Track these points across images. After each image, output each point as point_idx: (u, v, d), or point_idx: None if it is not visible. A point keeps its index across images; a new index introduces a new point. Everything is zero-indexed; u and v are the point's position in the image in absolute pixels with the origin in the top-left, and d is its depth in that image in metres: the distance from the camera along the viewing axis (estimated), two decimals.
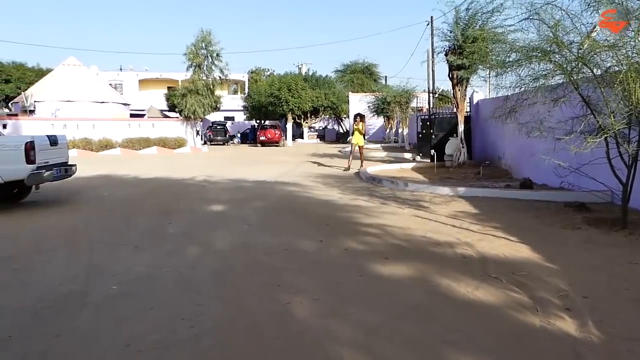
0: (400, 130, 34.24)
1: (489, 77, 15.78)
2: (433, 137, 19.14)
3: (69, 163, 10.45)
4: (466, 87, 16.66)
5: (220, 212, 9.11)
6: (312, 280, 5.02)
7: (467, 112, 17.91)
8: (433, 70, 27.60)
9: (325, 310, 4.19)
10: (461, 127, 16.70)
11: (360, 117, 17.44)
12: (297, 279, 5.05)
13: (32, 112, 31.35)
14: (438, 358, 3.34)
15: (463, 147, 16.66)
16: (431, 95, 23.72)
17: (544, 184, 10.84)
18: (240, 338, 3.70)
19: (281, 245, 6.43)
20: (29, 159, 8.82)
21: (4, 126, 25.26)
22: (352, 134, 17.71)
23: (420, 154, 21.27)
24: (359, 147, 17.12)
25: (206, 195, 11.24)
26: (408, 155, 23.25)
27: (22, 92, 34.51)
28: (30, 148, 8.83)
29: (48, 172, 9.17)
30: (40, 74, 42.58)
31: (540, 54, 7.23)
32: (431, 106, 21.11)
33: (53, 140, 9.73)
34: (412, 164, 18.14)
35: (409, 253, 6.00)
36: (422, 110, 29.73)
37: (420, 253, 5.99)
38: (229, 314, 4.19)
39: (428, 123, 20.52)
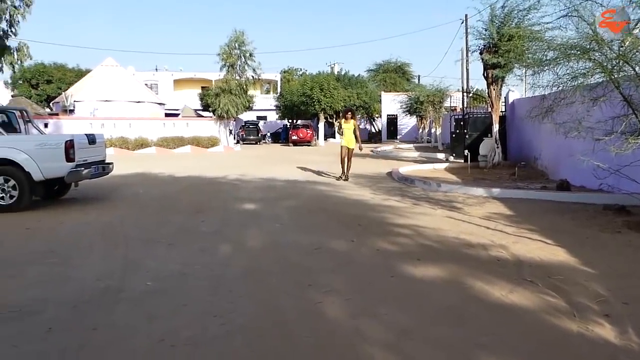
0: (433, 130, 33.91)
1: (525, 75, 15.53)
2: (467, 137, 18.87)
3: (107, 161, 10.71)
4: (501, 86, 16.38)
5: (252, 211, 9.19)
6: (343, 280, 5.01)
7: (502, 111, 17.60)
8: (467, 69, 27.27)
9: (356, 311, 4.18)
10: (496, 127, 16.42)
11: (351, 112, 14.43)
12: (328, 279, 5.05)
13: (71, 111, 32.26)
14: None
15: (498, 147, 16.37)
16: (465, 94, 23.38)
17: (582, 185, 10.56)
18: (271, 336, 3.72)
19: (313, 245, 6.44)
20: (69, 157, 9.07)
21: (46, 125, 26.02)
22: (341, 133, 14.63)
23: (454, 154, 21.00)
24: (347, 150, 13.89)
25: (238, 193, 11.35)
26: (441, 156, 22.99)
27: (63, 92, 35.54)
28: (69, 146, 9.08)
29: (87, 170, 9.41)
30: (79, 74, 43.74)
31: (579, 52, 7.06)
32: (465, 105, 20.79)
33: (91, 139, 9.98)
34: (445, 165, 17.94)
35: (442, 254, 5.93)
36: (455, 109, 29.37)
37: (453, 255, 5.91)
38: (260, 312, 4.22)
39: (462, 123, 20.24)
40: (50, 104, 40.83)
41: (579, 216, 8.07)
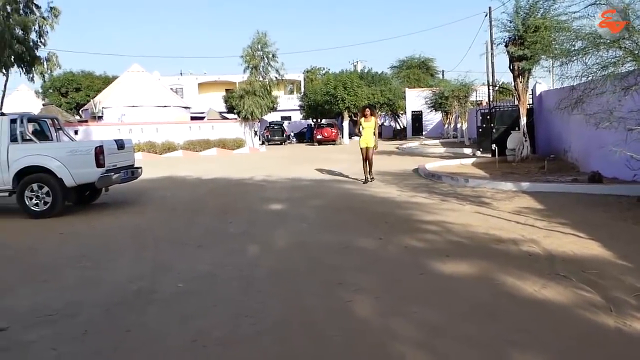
0: (459, 125, 33.50)
1: (553, 67, 15.21)
2: (494, 131, 18.58)
3: (135, 166, 10.89)
4: (528, 79, 16.07)
5: (279, 211, 9.22)
6: (372, 279, 4.99)
7: (529, 104, 17.28)
8: (492, 63, 26.91)
9: (386, 309, 4.16)
10: (523, 120, 16.13)
11: (370, 109, 13.12)
12: (357, 277, 5.04)
13: (100, 118, 32.90)
14: (503, 358, 3.24)
15: (526, 140, 16.09)
16: (491, 88, 23.07)
17: (615, 177, 10.30)
18: (301, 336, 3.73)
19: (340, 243, 6.43)
20: (99, 163, 9.25)
21: (76, 132, 26.58)
22: (360, 132, 13.21)
23: (481, 149, 20.73)
24: (367, 150, 12.81)
25: (265, 194, 11.41)
26: (468, 151, 22.72)
27: (91, 99, 36.26)
28: (99, 152, 9.26)
29: (116, 175, 9.59)
30: (107, 81, 44.57)
31: (608, 41, 6.88)
32: (491, 99, 20.51)
33: (120, 144, 10.16)
34: (472, 160, 17.72)
35: (471, 251, 5.85)
36: (481, 104, 28.98)
37: (483, 250, 5.83)
38: (289, 311, 4.23)
39: (488, 117, 19.95)
40: (80, 111, 41.72)
41: (612, 209, 7.87)
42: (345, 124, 41.28)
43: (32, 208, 9.19)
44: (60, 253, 6.66)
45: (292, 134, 45.21)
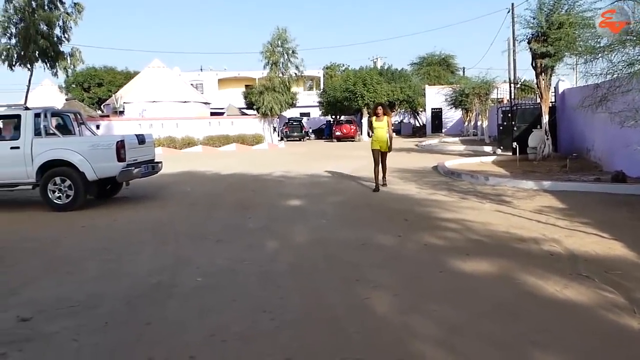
0: (479, 123, 33.20)
1: (577, 64, 14.96)
2: (515, 129, 18.38)
3: (156, 160, 10.99)
4: (551, 76, 15.84)
5: (298, 207, 9.23)
6: (391, 276, 4.97)
7: (551, 102, 17.03)
8: (514, 60, 26.58)
9: (405, 306, 4.13)
10: (545, 118, 15.91)
11: (382, 107, 11.33)
12: (375, 274, 5.02)
13: (121, 112, 33.28)
14: (524, 358, 3.19)
15: (548, 139, 15.87)
16: (512, 85, 22.76)
17: (639, 177, 10.10)
18: (319, 331, 3.72)
19: (359, 240, 6.42)
20: (120, 157, 9.35)
21: (98, 127, 26.93)
22: (370, 133, 11.81)
23: (501, 147, 20.51)
24: (380, 153, 11.15)
25: (284, 190, 11.43)
26: (488, 149, 22.49)
27: (113, 95, 36.70)
28: (120, 147, 9.36)
29: (137, 169, 9.69)
30: (128, 76, 45.07)
31: (635, 38, 6.73)
32: (512, 97, 20.24)
33: (141, 139, 10.27)
34: (493, 158, 17.54)
35: (491, 249, 5.79)
36: (502, 101, 28.64)
37: (503, 249, 5.76)
38: (308, 307, 4.23)
39: (509, 114, 19.72)
40: (102, 106, 42.25)
41: (636, 209, 7.73)
42: (365, 120, 41.10)
43: (55, 201, 9.34)
44: (82, 246, 6.75)
45: (310, 130, 45.20)
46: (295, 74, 32.10)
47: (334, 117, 45.53)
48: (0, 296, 4.69)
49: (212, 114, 37.41)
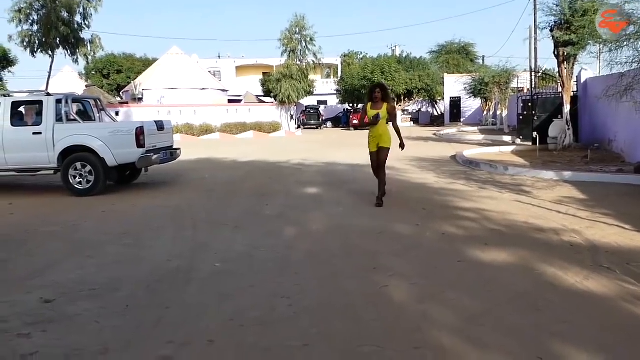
0: (498, 112, 32.80)
1: (600, 53, 14.68)
2: (535, 118, 18.11)
3: (174, 147, 11.06)
4: (573, 65, 15.56)
5: (314, 195, 9.24)
6: (408, 264, 4.96)
7: (573, 91, 16.74)
8: (536, 48, 26.08)
9: (423, 295, 4.12)
10: (567, 108, 15.66)
11: (381, 90, 8.00)
12: (393, 263, 5.01)
13: (140, 99, 33.49)
14: (544, 349, 3.16)
15: (569, 129, 15.63)
16: (533, 74, 22.42)
17: None
18: (337, 318, 3.73)
19: (376, 228, 6.40)
20: (139, 143, 9.43)
21: (117, 113, 27.15)
22: (368, 122, 8.03)
23: (521, 137, 20.25)
24: (379, 154, 8.06)
25: (301, 177, 11.44)
26: (507, 138, 22.25)
27: (132, 82, 36.95)
28: (140, 133, 9.43)
29: (156, 156, 9.76)
30: (147, 63, 45.26)
31: None
32: (533, 86, 19.95)
33: (160, 126, 10.33)
34: (512, 147, 17.35)
35: (510, 239, 5.74)
36: (523, 90, 28.26)
37: (523, 239, 5.71)
38: (325, 294, 4.24)
39: (530, 104, 19.43)
40: (121, 93, 42.58)
41: None
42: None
43: (76, 186, 9.46)
44: (102, 230, 6.84)
45: (324, 119, 45.09)
46: (313, 61, 32.00)
47: (351, 105, 45.38)
48: (24, 278, 4.78)
49: (230, 101, 37.49)
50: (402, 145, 8.47)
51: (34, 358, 3.19)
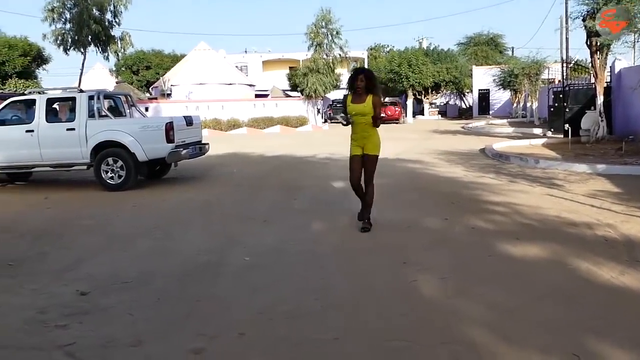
0: (528, 105, 32.23)
1: (635, 42, 14.26)
2: (567, 110, 17.74)
3: (203, 142, 11.18)
4: (607, 55, 15.17)
5: (342, 189, 9.21)
6: (438, 259, 4.92)
7: (607, 82, 16.32)
8: (567, 38, 25.48)
9: (453, 290, 4.09)
10: (600, 99, 15.27)
11: (367, 77, 6.11)
12: (422, 257, 4.98)
13: (169, 95, 33.93)
14: (579, 346, 3.10)
15: (602, 120, 15.25)
16: (565, 65, 21.93)
17: None
18: (366, 313, 3.73)
19: (405, 222, 6.37)
20: (169, 139, 9.56)
21: (147, 109, 27.54)
22: (349, 119, 6.35)
23: (552, 129, 19.87)
24: (361, 160, 6.40)
25: (329, 171, 11.43)
26: (538, 131, 21.85)
27: (161, 77, 37.46)
28: (169, 128, 9.56)
29: (185, 151, 9.89)
30: (175, 59, 45.80)
31: None
32: (565, 77, 19.52)
33: (189, 121, 10.45)
34: (543, 140, 17.04)
35: (542, 233, 5.64)
36: (554, 81, 27.69)
37: (555, 234, 5.60)
38: (353, 289, 4.24)
39: (561, 95, 19.04)
40: (150, 89, 43.19)
41: None
42: (410, 102, 40.63)
43: (108, 181, 9.64)
44: (134, 224, 6.97)
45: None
46: (340, 55, 31.85)
47: None
48: (61, 271, 4.91)
49: (257, 96, 37.67)
50: (377, 124, 6.15)
51: (72, 348, 3.28)
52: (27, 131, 9.71)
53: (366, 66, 52.05)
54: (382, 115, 6.26)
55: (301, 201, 8.14)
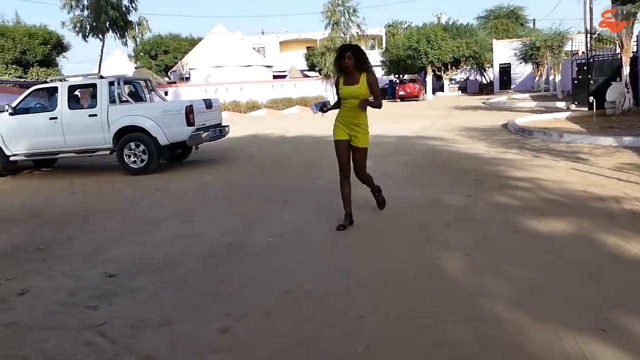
0: (551, 78, 31.54)
1: None
2: (591, 82, 17.35)
3: (223, 124, 11.21)
4: (633, 24, 14.73)
5: None
6: (462, 236, 4.88)
7: (633, 52, 15.88)
8: (591, 8, 24.70)
9: (478, 267, 4.06)
10: (626, 70, 14.88)
11: (355, 54, 5.16)
12: (446, 234, 4.95)
13: (187, 79, 34.05)
14: (608, 321, 3.06)
15: (628, 92, 14.88)
16: (589, 36, 21.35)
17: None
18: (391, 290, 3.73)
19: (427, 200, 6.33)
20: (189, 122, 9.61)
21: (166, 93, 27.69)
22: (328, 107, 5.65)
23: (576, 102, 19.46)
24: (354, 154, 5.51)
25: None
26: (561, 104, 21.44)
27: (179, 61, 37.55)
28: (189, 111, 9.61)
29: (205, 133, 9.94)
30: (193, 43, 45.81)
31: None
32: (589, 48, 19.03)
33: (208, 104, 10.48)
34: (567, 114, 16.71)
35: (568, 209, 5.56)
36: (577, 53, 27.02)
37: (581, 209, 5.51)
38: (378, 267, 4.24)
39: (585, 67, 18.60)
40: (168, 73, 43.37)
41: None
42: (429, 79, 40.14)
43: (131, 165, 9.77)
44: (158, 207, 7.06)
45: None
46: (357, 33, 31.51)
47: (397, 76, 44.66)
48: (89, 254, 5.01)
49: (275, 77, 37.58)
50: (364, 104, 5.21)
51: (103, 328, 3.35)
52: (50, 118, 9.86)
53: (384, 43, 51.59)
54: (420, 90, 6.01)
55: (322, 181, 8.13)
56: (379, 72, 48.88)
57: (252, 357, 2.96)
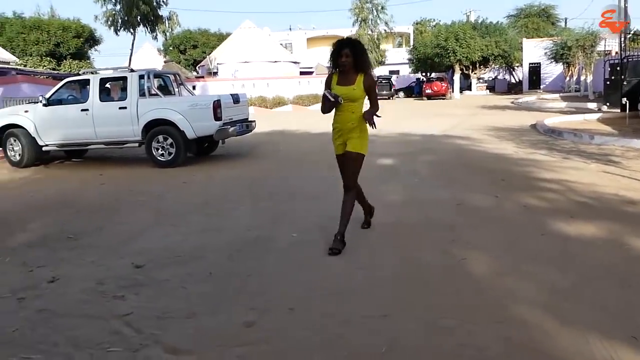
0: (582, 78, 30.93)
1: None
2: (624, 83, 16.95)
3: (249, 119, 11.28)
4: None
5: (389, 166, 9.16)
6: (488, 237, 4.83)
7: None
8: (625, 7, 24.18)
9: (504, 269, 4.01)
10: None
11: (353, 52, 4.55)
12: (472, 235, 4.90)
13: (215, 73, 34.35)
14: (638, 327, 3.00)
15: None
16: (623, 35, 20.86)
17: None
18: (415, 290, 3.71)
19: (454, 200, 6.27)
20: (217, 116, 9.69)
21: (194, 87, 27.95)
22: (328, 107, 4.82)
23: (608, 104, 19.04)
24: (346, 160, 5.19)
25: (375, 149, 11.28)
26: (592, 105, 21.00)
27: (207, 56, 37.90)
28: (217, 106, 9.68)
29: (232, 128, 10.01)
30: (221, 38, 46.21)
31: None
32: (622, 48, 18.61)
33: (235, 99, 10.55)
34: (598, 115, 16.37)
35: (598, 212, 5.45)
36: (610, 53, 26.45)
37: (612, 212, 5.40)
38: (403, 266, 4.22)
39: (619, 68, 18.17)
40: (197, 68, 43.82)
41: None
42: (457, 77, 39.74)
43: (159, 158, 9.89)
44: (185, 200, 7.14)
45: (396, 89, 44.31)
46: (385, 30, 31.52)
47: (424, 74, 44.31)
48: (117, 245, 5.10)
49: (302, 73, 37.64)
50: (370, 118, 4.81)
51: (130, 318, 3.42)
52: (82, 110, 10.05)
53: (412, 41, 51.20)
54: (447, 89, 5.77)
55: None
56: (406, 70, 48.65)
57: (276, 351, 2.98)
